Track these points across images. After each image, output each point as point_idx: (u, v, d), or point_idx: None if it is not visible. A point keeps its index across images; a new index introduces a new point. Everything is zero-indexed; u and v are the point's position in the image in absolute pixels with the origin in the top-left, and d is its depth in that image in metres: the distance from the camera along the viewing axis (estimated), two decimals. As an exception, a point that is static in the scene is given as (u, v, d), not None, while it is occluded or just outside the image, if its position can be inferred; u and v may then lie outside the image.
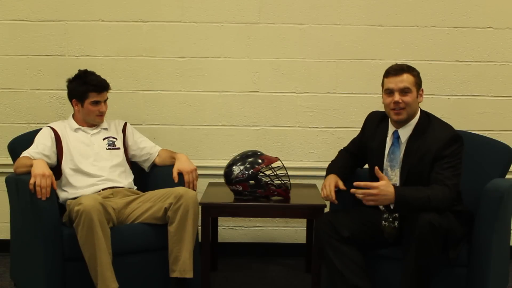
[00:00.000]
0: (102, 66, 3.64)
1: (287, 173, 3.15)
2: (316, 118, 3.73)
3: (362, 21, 3.67)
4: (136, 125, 3.64)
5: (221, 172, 3.20)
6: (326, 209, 3.03)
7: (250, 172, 3.09)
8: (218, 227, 3.62)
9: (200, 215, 3.00)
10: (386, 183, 2.63)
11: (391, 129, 2.85)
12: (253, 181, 3.11)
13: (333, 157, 3.11)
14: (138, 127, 3.61)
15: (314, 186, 3.51)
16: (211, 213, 3.11)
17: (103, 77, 3.18)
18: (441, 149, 2.69)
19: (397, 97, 2.74)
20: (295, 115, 3.73)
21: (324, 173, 3.05)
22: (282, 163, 3.16)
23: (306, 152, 3.75)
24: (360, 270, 2.68)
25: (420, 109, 2.84)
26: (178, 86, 3.70)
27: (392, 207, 2.65)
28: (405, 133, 2.80)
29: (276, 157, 3.17)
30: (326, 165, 3.07)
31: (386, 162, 2.84)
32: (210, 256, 3.13)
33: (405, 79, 2.75)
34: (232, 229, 3.83)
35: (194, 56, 3.68)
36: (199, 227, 3.06)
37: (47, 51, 3.66)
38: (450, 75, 3.70)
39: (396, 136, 2.82)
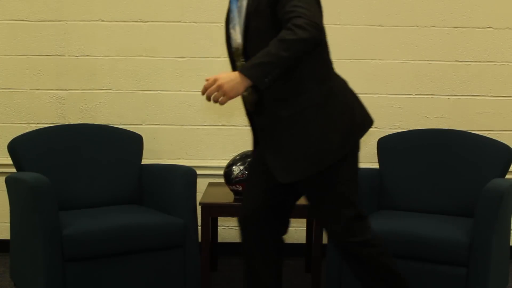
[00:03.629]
0: (102, 66, 3.64)
1: (287, 173, 3.15)
2: (316, 118, 3.72)
3: (362, 21, 3.67)
4: (136, 125, 3.65)
5: (221, 172, 3.20)
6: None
7: (250, 172, 3.08)
8: (218, 227, 3.62)
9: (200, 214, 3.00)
10: (223, 72, 2.15)
11: None
12: (253, 181, 3.10)
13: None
14: (138, 127, 3.62)
15: (314, 186, 3.51)
16: (211, 213, 3.10)
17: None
18: None
19: None
20: (295, 115, 3.72)
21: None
22: (282, 163, 3.15)
23: (306, 152, 3.74)
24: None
25: None
26: (178, 86, 3.70)
27: (252, 83, 2.09)
28: None
29: (276, 157, 3.17)
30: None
31: (230, 26, 2.39)
32: (210, 256, 3.13)
33: None
34: (232, 229, 3.82)
35: (194, 56, 3.68)
36: (199, 227, 3.06)
37: (47, 51, 3.66)
38: (450, 75, 3.70)
39: None
